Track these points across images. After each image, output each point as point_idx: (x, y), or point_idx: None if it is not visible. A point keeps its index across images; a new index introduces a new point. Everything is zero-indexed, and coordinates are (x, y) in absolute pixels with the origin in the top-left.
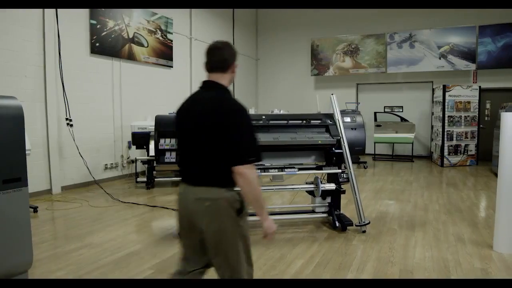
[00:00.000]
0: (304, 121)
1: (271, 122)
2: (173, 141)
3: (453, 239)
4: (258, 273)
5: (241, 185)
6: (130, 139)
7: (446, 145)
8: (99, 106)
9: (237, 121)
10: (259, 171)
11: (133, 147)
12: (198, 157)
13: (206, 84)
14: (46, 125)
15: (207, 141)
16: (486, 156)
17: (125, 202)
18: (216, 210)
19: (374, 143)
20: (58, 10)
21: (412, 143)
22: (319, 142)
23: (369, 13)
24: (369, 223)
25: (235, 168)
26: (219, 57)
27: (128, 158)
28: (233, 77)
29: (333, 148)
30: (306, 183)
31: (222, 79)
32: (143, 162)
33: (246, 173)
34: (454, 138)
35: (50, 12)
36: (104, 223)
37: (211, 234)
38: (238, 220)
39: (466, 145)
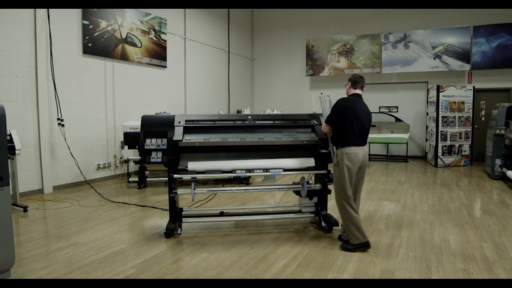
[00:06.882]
0: (291, 122)
1: (257, 122)
2: (159, 141)
3: (439, 240)
4: (239, 273)
5: None
6: (122, 139)
7: (440, 145)
8: (92, 106)
9: None
10: (244, 171)
11: (126, 147)
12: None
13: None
14: (37, 125)
15: None
16: (480, 157)
17: (115, 202)
18: None
19: (369, 143)
20: (50, 10)
21: (407, 144)
22: (304, 142)
23: (364, 13)
24: None
25: None
26: None
27: (121, 158)
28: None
29: (319, 148)
30: (294, 183)
31: None
32: (135, 162)
33: None
34: (448, 139)
35: (41, 12)
36: (92, 222)
37: None
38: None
39: (460, 146)
